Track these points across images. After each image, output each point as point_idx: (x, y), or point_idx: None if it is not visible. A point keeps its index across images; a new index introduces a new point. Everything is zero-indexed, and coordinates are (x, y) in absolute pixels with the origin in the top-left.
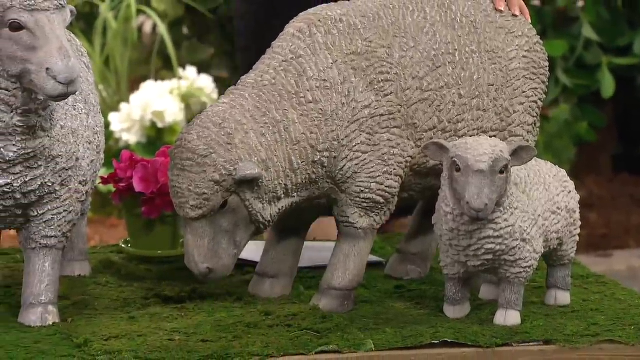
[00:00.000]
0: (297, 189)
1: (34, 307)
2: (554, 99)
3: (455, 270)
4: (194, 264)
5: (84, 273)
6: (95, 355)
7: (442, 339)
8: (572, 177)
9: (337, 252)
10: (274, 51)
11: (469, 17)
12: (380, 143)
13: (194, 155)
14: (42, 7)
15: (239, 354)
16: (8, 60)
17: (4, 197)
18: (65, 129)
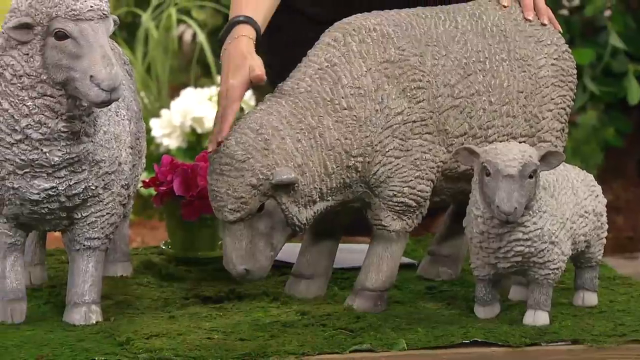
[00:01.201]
0: (332, 193)
1: (78, 307)
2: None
3: (486, 271)
4: (232, 265)
5: (126, 274)
6: (136, 353)
7: (473, 338)
8: (599, 182)
9: (370, 254)
10: (310, 59)
11: (499, 26)
12: (413, 148)
13: (232, 160)
14: (87, 16)
15: (275, 352)
16: (53, 68)
17: (49, 200)
18: (108, 135)
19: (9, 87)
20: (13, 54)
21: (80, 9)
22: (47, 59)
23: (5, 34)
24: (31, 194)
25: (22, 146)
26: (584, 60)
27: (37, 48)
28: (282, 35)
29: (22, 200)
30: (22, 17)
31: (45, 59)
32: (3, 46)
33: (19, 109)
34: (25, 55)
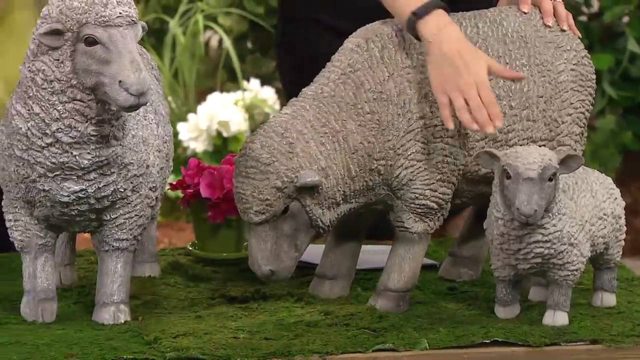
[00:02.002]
0: (355, 196)
1: (107, 306)
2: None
3: (506, 273)
4: (257, 266)
5: (154, 274)
6: (164, 352)
7: (493, 338)
8: (617, 185)
9: (392, 256)
10: (333, 64)
11: (520, 32)
12: (434, 152)
13: (258, 163)
14: (115, 23)
15: (299, 351)
16: (83, 73)
17: (79, 202)
18: (137, 138)
19: (40, 91)
20: (44, 60)
21: (109, 16)
22: (77, 65)
23: (36, 40)
24: (61, 196)
25: (53, 149)
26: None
27: (67, 54)
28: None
29: (53, 202)
30: (52, 23)
31: (75, 65)
32: (34, 52)
33: (50, 113)
34: (55, 61)
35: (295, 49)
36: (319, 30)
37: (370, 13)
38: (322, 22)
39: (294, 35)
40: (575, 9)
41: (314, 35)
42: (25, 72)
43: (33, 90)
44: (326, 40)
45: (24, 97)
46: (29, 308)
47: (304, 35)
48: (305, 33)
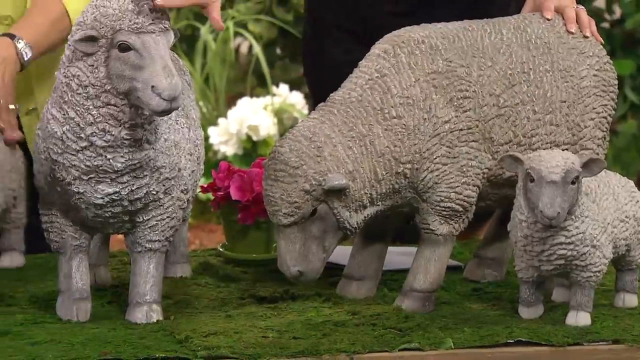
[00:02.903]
0: (382, 198)
1: (139, 306)
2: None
3: (530, 274)
4: (286, 267)
5: (185, 274)
6: (195, 351)
7: (517, 338)
8: (639, 188)
9: (418, 257)
10: (361, 70)
11: (543, 38)
12: (460, 156)
13: (286, 166)
14: (148, 29)
15: (327, 350)
16: (117, 79)
17: (112, 204)
18: (169, 142)
19: (75, 96)
20: (79, 65)
21: (142, 23)
22: (111, 70)
23: (71, 46)
24: (95, 199)
25: (87, 153)
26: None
27: (101, 59)
28: (328, 53)
29: (87, 205)
30: (87, 30)
31: (109, 70)
32: (69, 58)
33: (84, 117)
34: (90, 67)
35: (321, 55)
36: (344, 37)
37: (394, 20)
38: (347, 29)
39: (319, 42)
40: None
41: (339, 42)
42: (60, 78)
43: (68, 95)
44: (351, 47)
45: (59, 102)
46: (64, 307)
47: (329, 42)
48: (330, 39)
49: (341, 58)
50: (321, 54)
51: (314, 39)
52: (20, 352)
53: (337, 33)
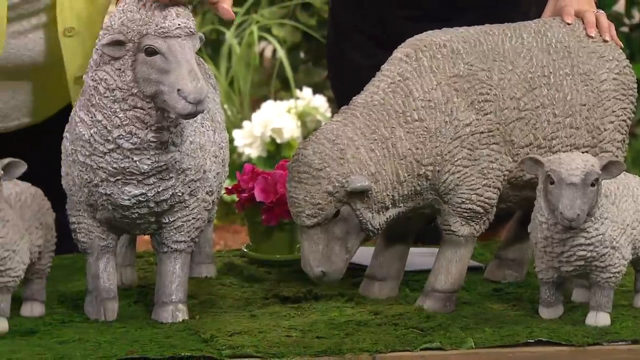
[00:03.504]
0: (404, 200)
1: (165, 306)
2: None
3: (550, 275)
4: (309, 268)
5: (210, 275)
6: (220, 350)
7: (537, 338)
8: None
9: (440, 258)
10: (383, 74)
11: (563, 42)
12: (480, 158)
13: (310, 168)
14: (174, 34)
15: (350, 349)
16: (143, 82)
17: (139, 206)
18: (194, 144)
19: (102, 99)
20: (106, 69)
21: (168, 27)
22: (137, 74)
23: (99, 51)
24: (122, 200)
25: (115, 155)
26: None
27: (128, 63)
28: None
29: (114, 206)
30: (114, 34)
31: (135, 74)
32: (97, 62)
33: (112, 120)
34: (117, 70)
35: (344, 59)
36: (366, 41)
37: (415, 24)
38: (368, 33)
39: (342, 46)
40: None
41: (360, 46)
42: (88, 81)
43: (96, 99)
44: (373, 51)
45: (87, 105)
46: (92, 307)
47: (351, 46)
48: (352, 44)
49: (363, 62)
50: (343, 58)
51: (337, 43)
52: (49, 351)
53: (358, 37)
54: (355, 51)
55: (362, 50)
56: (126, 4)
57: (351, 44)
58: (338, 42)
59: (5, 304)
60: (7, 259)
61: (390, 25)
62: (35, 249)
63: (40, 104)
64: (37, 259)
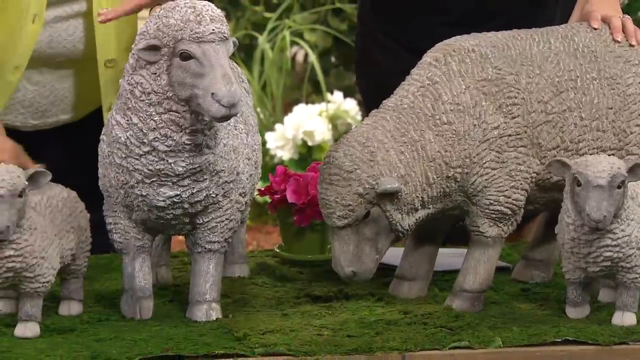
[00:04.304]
0: (433, 202)
1: (199, 304)
2: None
3: (576, 275)
4: (340, 268)
5: (243, 274)
6: (253, 348)
7: (564, 337)
8: None
9: (468, 258)
10: (413, 78)
11: (590, 47)
12: (508, 160)
13: (341, 170)
14: (209, 38)
15: (380, 348)
16: (178, 86)
17: (174, 207)
18: (228, 147)
19: (138, 103)
20: (142, 73)
21: (203, 32)
22: (172, 78)
23: (135, 55)
24: (157, 201)
25: (150, 157)
26: None
27: (163, 68)
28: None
29: (150, 207)
30: (150, 39)
31: (171, 78)
32: (133, 66)
33: (147, 123)
34: (153, 74)
35: (373, 63)
36: (394, 45)
37: (444, 29)
38: (397, 37)
39: (371, 50)
40: None
41: (389, 50)
42: (124, 85)
43: (132, 102)
44: (402, 55)
45: (123, 109)
46: (128, 305)
47: (380, 50)
48: (381, 48)
49: (392, 66)
50: (372, 62)
51: (366, 48)
52: (86, 348)
53: (387, 42)
54: (384, 55)
55: (391, 55)
56: (161, 10)
57: (380, 49)
58: (367, 46)
59: (37, 309)
60: (36, 266)
61: (419, 30)
62: (67, 252)
63: (78, 100)
64: (72, 261)
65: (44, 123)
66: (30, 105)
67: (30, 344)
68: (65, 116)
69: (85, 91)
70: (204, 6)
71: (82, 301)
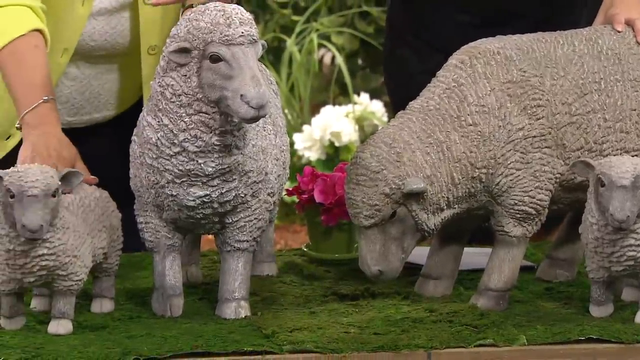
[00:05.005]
0: (458, 202)
1: (228, 302)
2: None
3: (600, 274)
4: (366, 267)
5: (271, 273)
6: (281, 345)
7: (588, 335)
8: None
9: (493, 257)
10: (438, 80)
11: (614, 49)
12: (533, 161)
13: (367, 171)
14: (238, 41)
15: (406, 345)
16: (208, 88)
17: (203, 206)
18: (256, 148)
19: (168, 104)
20: (173, 75)
21: (232, 35)
22: (202, 80)
23: (165, 57)
24: (187, 201)
25: (180, 158)
26: None
27: (193, 70)
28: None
29: (180, 206)
30: (181, 42)
31: (200, 80)
32: (164, 68)
33: (178, 124)
34: (183, 77)
35: (402, 64)
36: (421, 47)
37: (469, 31)
38: (426, 39)
39: (400, 52)
40: None
41: (416, 52)
42: (155, 87)
43: (162, 104)
44: (428, 57)
45: (154, 110)
46: (158, 303)
47: (409, 51)
48: (408, 49)
49: (420, 67)
50: (400, 63)
51: (394, 49)
52: (118, 345)
53: (416, 42)
54: (412, 56)
55: (419, 55)
56: (192, 13)
57: (408, 50)
58: (395, 47)
59: (70, 306)
60: (68, 264)
61: (446, 32)
62: (99, 251)
63: (114, 98)
64: (104, 259)
65: (79, 120)
66: (67, 102)
67: (63, 340)
68: (97, 115)
69: (122, 89)
70: (233, 9)
71: (113, 299)
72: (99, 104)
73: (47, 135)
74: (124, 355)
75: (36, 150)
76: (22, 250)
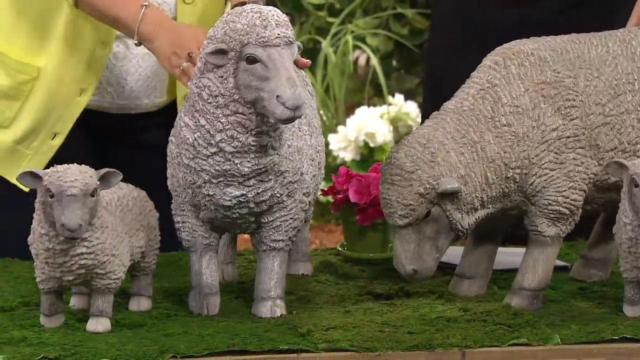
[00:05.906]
0: (492, 201)
1: (264, 301)
2: None
3: (634, 274)
4: (401, 266)
5: (307, 272)
6: (316, 344)
7: (622, 335)
8: None
9: (527, 257)
10: (473, 81)
11: None
12: (567, 162)
13: (402, 171)
14: (274, 43)
15: (440, 344)
16: (244, 89)
17: (239, 206)
18: (292, 148)
19: (205, 105)
20: (209, 77)
21: (268, 37)
22: (239, 81)
23: (202, 59)
24: (224, 201)
25: (217, 158)
26: None
27: (230, 71)
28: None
29: (216, 206)
30: (217, 44)
31: (237, 81)
32: (201, 69)
33: (214, 125)
34: (220, 78)
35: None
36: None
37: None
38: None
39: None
40: None
41: (460, 51)
42: (193, 88)
43: (199, 104)
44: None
45: (191, 111)
46: (195, 302)
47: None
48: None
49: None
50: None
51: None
52: (155, 343)
53: (458, 42)
54: (453, 56)
55: (461, 55)
56: (229, 15)
57: (452, 49)
58: (438, 46)
59: (108, 304)
60: (107, 263)
61: (482, 32)
62: (137, 250)
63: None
64: (141, 258)
65: (130, 105)
66: (117, 83)
67: (101, 338)
68: (147, 100)
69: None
70: (269, 11)
71: (151, 297)
72: (148, 88)
73: (168, 31)
74: (161, 353)
75: (169, 50)
76: (62, 249)
